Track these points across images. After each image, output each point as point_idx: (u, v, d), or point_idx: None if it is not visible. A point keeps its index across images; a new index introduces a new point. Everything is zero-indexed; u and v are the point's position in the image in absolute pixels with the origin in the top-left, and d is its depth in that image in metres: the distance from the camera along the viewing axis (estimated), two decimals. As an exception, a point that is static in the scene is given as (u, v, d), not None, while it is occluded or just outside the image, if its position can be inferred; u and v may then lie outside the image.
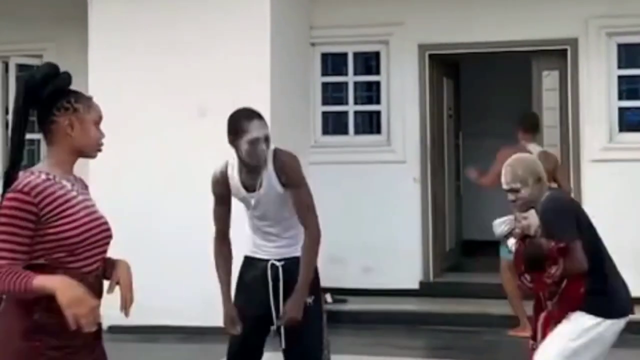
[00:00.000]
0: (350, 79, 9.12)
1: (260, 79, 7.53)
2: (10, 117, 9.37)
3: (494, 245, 10.38)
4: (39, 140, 9.55)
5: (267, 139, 4.02)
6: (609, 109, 8.24)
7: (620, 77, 8.33)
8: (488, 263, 9.49)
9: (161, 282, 6.76)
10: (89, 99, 2.90)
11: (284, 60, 7.96)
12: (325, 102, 9.11)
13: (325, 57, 9.10)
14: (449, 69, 9.41)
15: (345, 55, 9.11)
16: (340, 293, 8.11)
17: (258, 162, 4.02)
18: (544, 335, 3.95)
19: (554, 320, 3.93)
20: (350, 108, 9.13)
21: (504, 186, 4.05)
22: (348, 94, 9.16)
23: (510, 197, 4.02)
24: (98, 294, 2.81)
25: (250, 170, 4.09)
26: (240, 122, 4.07)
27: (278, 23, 7.76)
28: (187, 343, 7.06)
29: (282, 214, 4.10)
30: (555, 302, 3.92)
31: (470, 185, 10.34)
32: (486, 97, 10.82)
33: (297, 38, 8.55)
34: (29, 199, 2.69)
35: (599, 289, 3.91)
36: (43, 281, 2.62)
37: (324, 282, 7.28)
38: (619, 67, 8.31)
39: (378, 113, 9.04)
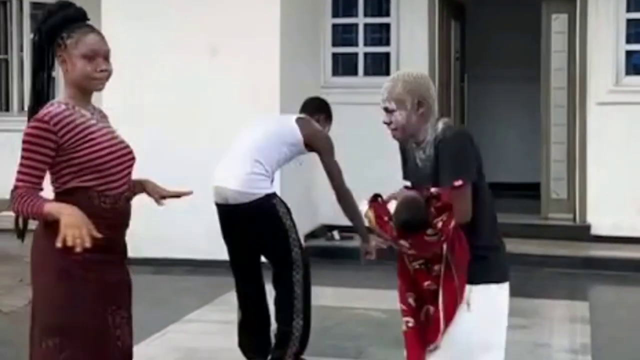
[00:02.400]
0: (361, 20, 9.18)
1: (271, 20, 7.62)
2: (24, 54, 9.52)
3: (495, 188, 10.54)
4: (53, 78, 9.71)
5: None
6: (616, 53, 8.31)
7: (628, 21, 8.37)
8: (496, 204, 9.69)
9: (170, 217, 6.97)
10: (85, 32, 2.94)
11: (294, 1, 8.04)
12: (335, 43, 9.19)
13: (336, -2, 9.16)
14: (456, 12, 9.45)
15: (356, -4, 9.17)
16: (348, 230, 8.31)
17: None
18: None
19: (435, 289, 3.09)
20: (360, 49, 9.21)
21: (380, 104, 3.21)
22: (358, 35, 9.23)
23: (384, 119, 3.19)
24: (128, 215, 3.02)
25: None
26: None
27: (289, -36, 7.82)
28: (195, 275, 7.29)
29: None
30: (442, 266, 3.08)
31: (474, 129, 10.46)
32: (492, 40, 10.86)
33: (307, -21, 8.61)
34: (49, 127, 2.86)
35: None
36: (51, 207, 2.81)
37: (333, 221, 7.53)
38: (628, 10, 8.35)
39: (387, 55, 9.13)
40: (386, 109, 3.15)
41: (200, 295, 6.60)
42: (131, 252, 3.15)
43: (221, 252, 7.55)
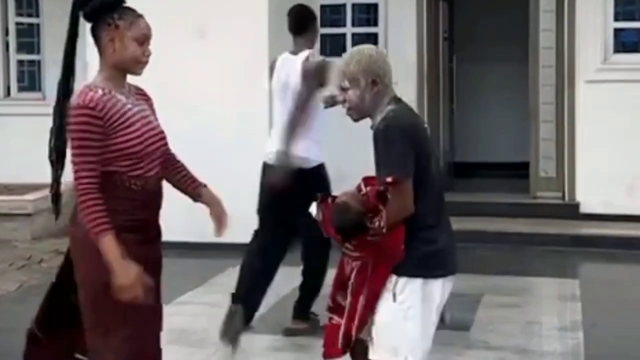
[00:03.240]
0: (349, 1, 9.15)
1: (259, 1, 7.58)
2: (10, 37, 9.44)
3: (484, 168, 10.60)
4: (39, 61, 9.65)
5: None
6: (604, 30, 8.31)
7: (616, -1, 8.38)
8: (479, 184, 9.74)
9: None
10: (136, 16, 3.02)
11: (282, -19, 7.98)
12: (323, 24, 9.13)
13: (324, -21, 9.10)
14: (444, -8, 9.44)
15: (343, -23, 9.13)
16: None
17: None
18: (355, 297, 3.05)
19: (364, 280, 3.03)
20: (348, 30, 9.18)
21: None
22: (346, 16, 9.20)
23: (339, 97, 3.14)
24: (159, 195, 3.09)
25: None
26: None
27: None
28: (186, 258, 7.28)
29: None
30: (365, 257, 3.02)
31: (462, 109, 10.47)
32: (481, 20, 10.86)
33: (295, -41, 8.55)
34: (96, 114, 2.89)
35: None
36: (109, 249, 2.84)
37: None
38: (616, -12, 8.35)
39: (375, 35, 9.10)
40: (341, 87, 3.09)
41: (192, 277, 6.60)
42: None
43: (209, 235, 7.56)
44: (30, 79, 9.84)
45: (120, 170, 2.95)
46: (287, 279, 6.55)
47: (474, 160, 10.73)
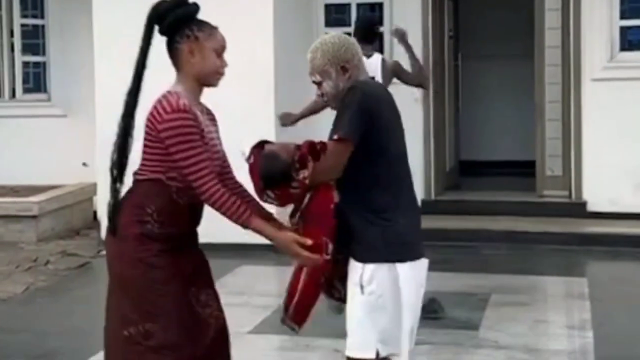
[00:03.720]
0: (353, 0, 9.12)
1: (265, 1, 7.57)
2: (15, 39, 9.43)
3: (489, 166, 10.57)
4: (44, 63, 9.64)
5: None
6: (610, 28, 8.27)
7: (622, -4, 8.34)
8: (485, 182, 9.71)
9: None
10: (213, 28, 3.04)
11: (286, -19, 7.99)
12: (328, 24, 9.13)
13: (328, -21, 9.09)
14: (449, -10, 9.41)
15: (348, -23, 9.11)
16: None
17: None
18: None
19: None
20: (353, 30, 9.13)
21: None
22: (351, 16, 9.17)
23: (317, 92, 3.13)
24: (202, 212, 3.06)
25: None
26: None
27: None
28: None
29: None
30: (298, 218, 3.01)
31: (468, 108, 10.45)
32: (486, 18, 10.83)
33: (299, -41, 8.55)
34: (191, 116, 2.90)
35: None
36: (262, 229, 2.91)
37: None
38: (621, -15, 8.31)
39: (381, 34, 9.07)
40: (313, 82, 3.08)
41: (199, 278, 6.58)
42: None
43: (221, 235, 7.56)
44: (35, 81, 9.83)
45: (170, 183, 2.95)
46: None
47: (480, 158, 10.71)
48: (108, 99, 8.21)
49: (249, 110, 7.47)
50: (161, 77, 3.18)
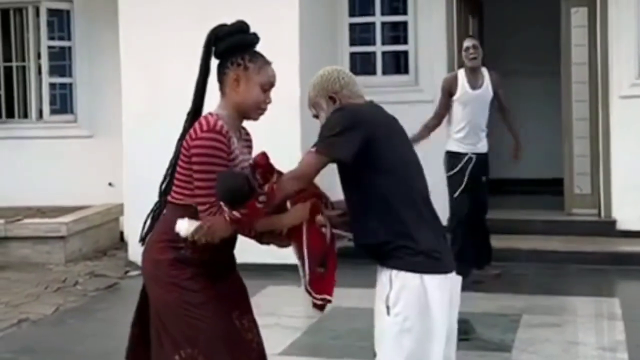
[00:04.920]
0: (378, 19, 9.13)
1: (289, 20, 7.59)
2: (42, 61, 9.51)
3: (517, 184, 10.48)
4: (71, 84, 9.71)
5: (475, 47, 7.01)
6: (638, 45, 8.21)
7: (650, 13, 8.28)
8: (512, 201, 9.62)
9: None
10: (266, 62, 3.02)
11: (311, 1, 8.00)
12: (352, 43, 9.14)
13: (352, -2, 9.12)
14: (474, 8, 9.39)
15: (372, -4, 9.12)
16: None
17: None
18: None
19: None
20: (378, 48, 9.16)
21: None
22: (375, 34, 9.18)
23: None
24: (235, 238, 3.04)
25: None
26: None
27: (306, -36, 7.78)
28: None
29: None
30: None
31: (493, 125, 10.39)
32: (511, 36, 10.80)
33: (324, -21, 8.57)
34: (224, 140, 2.89)
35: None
36: (268, 222, 2.92)
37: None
38: (649, 2, 8.25)
39: (405, 53, 9.08)
40: (313, 116, 3.18)
41: (227, 299, 6.56)
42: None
43: (247, 256, 7.55)
44: (62, 102, 9.90)
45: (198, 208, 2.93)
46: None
47: (507, 176, 10.63)
48: (134, 120, 8.30)
49: (274, 131, 7.46)
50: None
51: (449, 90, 6.89)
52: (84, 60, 9.52)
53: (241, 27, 3.06)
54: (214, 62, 3.07)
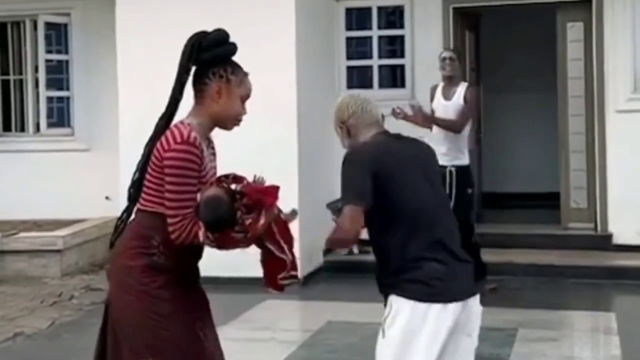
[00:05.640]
0: (375, 33, 9.16)
1: (286, 34, 7.61)
2: (40, 74, 9.53)
3: (513, 198, 10.49)
4: (68, 98, 9.73)
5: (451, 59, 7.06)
6: (633, 60, 8.24)
7: (645, 27, 8.31)
8: (508, 215, 9.63)
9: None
10: (245, 74, 3.05)
11: (308, 15, 8.03)
12: (349, 56, 9.16)
13: (349, 11, 9.13)
14: (470, 22, 9.42)
15: (369, 9, 9.14)
16: (367, 244, 8.27)
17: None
18: None
19: None
20: (375, 62, 9.18)
21: None
22: (372, 48, 9.21)
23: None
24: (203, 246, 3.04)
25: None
26: None
27: (303, -22, 7.81)
28: (217, 293, 7.22)
29: None
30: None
31: (490, 140, 10.42)
32: (508, 50, 10.83)
33: (321, -7, 8.61)
34: (197, 151, 2.90)
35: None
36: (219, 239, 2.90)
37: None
38: (644, 17, 8.29)
39: (402, 67, 9.10)
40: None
41: (224, 312, 6.53)
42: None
43: (244, 269, 7.54)
44: (59, 115, 9.92)
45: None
46: (319, 314, 6.52)
47: (503, 190, 10.65)
48: (131, 133, 8.28)
49: (271, 144, 7.49)
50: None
51: (431, 98, 7.11)
52: (82, 74, 9.54)
53: (225, 38, 3.06)
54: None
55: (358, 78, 9.41)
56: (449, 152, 6.74)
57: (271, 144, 7.47)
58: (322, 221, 8.26)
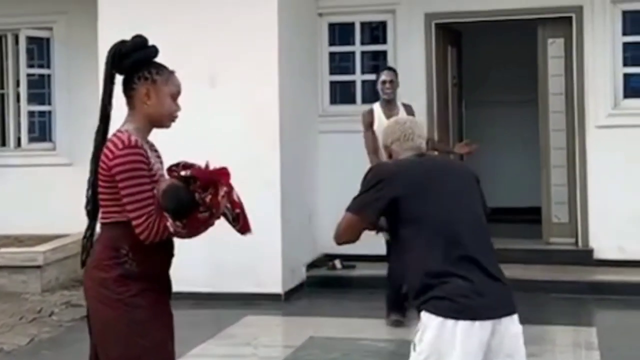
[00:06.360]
0: (357, 48, 9.19)
1: (269, 49, 7.62)
2: (21, 89, 9.49)
3: (495, 213, 10.48)
4: (50, 112, 9.69)
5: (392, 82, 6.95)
6: (613, 76, 8.31)
7: (625, 44, 8.38)
8: (491, 229, 9.61)
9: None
10: (170, 72, 3.10)
11: (291, 30, 8.05)
12: (332, 71, 9.18)
13: (332, 27, 9.16)
14: (452, 38, 9.47)
15: (352, 25, 9.17)
16: (349, 259, 8.27)
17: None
18: None
19: None
20: (358, 77, 9.21)
21: None
22: (355, 63, 9.24)
23: None
24: (172, 247, 3.11)
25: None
26: None
27: (285, -6, 7.83)
28: (198, 309, 7.21)
29: None
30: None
31: (472, 155, 10.44)
32: (490, 65, 10.90)
33: (304, 8, 8.63)
34: (143, 152, 2.96)
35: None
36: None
37: (334, 250, 7.43)
38: (624, 33, 8.36)
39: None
40: None
41: (205, 329, 6.52)
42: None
43: (222, 285, 7.54)
44: (40, 130, 9.88)
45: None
46: (301, 329, 6.50)
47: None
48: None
49: (254, 159, 7.48)
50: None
51: (369, 123, 6.95)
52: (63, 88, 9.51)
53: (143, 42, 3.10)
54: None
55: (341, 93, 9.43)
56: None
57: (254, 159, 7.47)
58: (304, 237, 8.33)
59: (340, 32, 9.39)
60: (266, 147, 7.56)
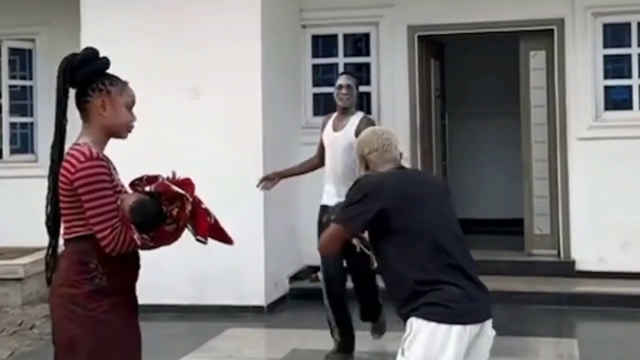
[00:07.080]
0: (341, 60, 9.20)
1: (252, 61, 7.62)
2: (3, 100, 9.45)
3: (477, 224, 10.56)
4: (32, 124, 9.65)
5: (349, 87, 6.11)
6: (594, 88, 8.37)
7: (605, 57, 8.45)
8: (473, 241, 9.62)
9: (155, 263, 6.89)
10: (124, 83, 3.10)
11: (274, 42, 8.06)
12: (315, 83, 9.19)
13: (315, 39, 9.18)
14: (435, 50, 9.52)
15: (335, 37, 9.20)
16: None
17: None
18: None
19: None
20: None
21: None
22: (338, 75, 9.23)
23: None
24: (138, 258, 3.09)
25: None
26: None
27: (268, 6, 7.84)
28: (179, 321, 7.18)
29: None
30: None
31: (455, 166, 10.50)
32: (472, 78, 10.96)
33: (287, 20, 8.65)
34: (105, 164, 2.95)
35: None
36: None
37: (317, 262, 7.43)
38: (605, 46, 8.42)
39: (368, 94, 9.14)
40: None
41: (187, 342, 6.49)
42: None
43: (204, 297, 7.51)
44: (22, 142, 9.83)
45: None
46: (284, 342, 6.48)
47: (467, 217, 10.68)
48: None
49: (237, 171, 7.48)
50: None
51: (322, 127, 6.18)
52: (45, 100, 9.45)
53: (94, 54, 3.09)
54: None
55: (324, 105, 9.43)
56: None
57: (237, 171, 7.46)
58: (287, 249, 8.31)
59: (324, 44, 9.41)
60: (249, 159, 7.55)
